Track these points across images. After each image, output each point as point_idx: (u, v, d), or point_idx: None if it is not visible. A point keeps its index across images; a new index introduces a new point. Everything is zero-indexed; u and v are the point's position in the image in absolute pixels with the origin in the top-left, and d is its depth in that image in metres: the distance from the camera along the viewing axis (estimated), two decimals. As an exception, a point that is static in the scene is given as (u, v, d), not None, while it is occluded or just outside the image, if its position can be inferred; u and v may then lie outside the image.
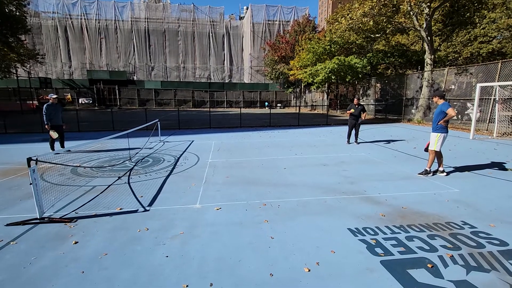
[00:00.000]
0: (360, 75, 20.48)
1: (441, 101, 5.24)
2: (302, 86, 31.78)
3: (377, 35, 18.25)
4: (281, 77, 35.49)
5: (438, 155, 5.35)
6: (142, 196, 4.27)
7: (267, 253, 2.70)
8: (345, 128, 12.77)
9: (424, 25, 14.63)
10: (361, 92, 23.61)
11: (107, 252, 2.73)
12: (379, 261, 2.57)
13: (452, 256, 2.64)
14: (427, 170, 5.38)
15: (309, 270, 2.43)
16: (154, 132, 10.12)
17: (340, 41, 21.11)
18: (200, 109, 35.59)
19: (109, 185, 4.82)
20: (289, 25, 40.92)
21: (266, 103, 38.93)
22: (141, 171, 5.78)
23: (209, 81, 44.11)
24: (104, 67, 42.21)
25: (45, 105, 7.35)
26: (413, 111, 16.77)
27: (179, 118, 14.76)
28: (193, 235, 3.09)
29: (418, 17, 14.85)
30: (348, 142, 9.08)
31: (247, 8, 46.12)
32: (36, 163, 3.28)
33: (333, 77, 20.60)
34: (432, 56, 15.20)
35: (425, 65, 15.52)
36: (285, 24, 43.82)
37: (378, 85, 22.13)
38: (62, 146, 7.72)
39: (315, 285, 2.25)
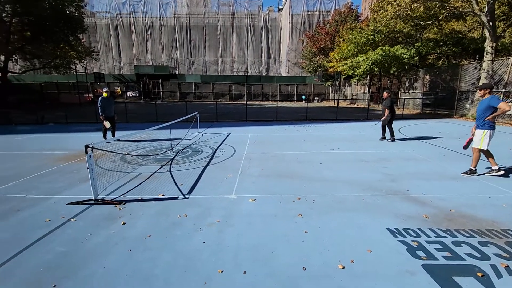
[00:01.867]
0: (406, 67, 18.92)
1: (488, 95, 4.67)
2: (342, 79, 30.43)
3: (428, 22, 16.61)
4: (319, 69, 34.37)
5: (487, 153, 4.79)
6: (182, 184, 4.54)
7: (300, 247, 2.70)
8: (388, 124, 11.93)
9: (486, 9, 12.89)
10: (406, 84, 21.84)
11: (151, 234, 2.98)
12: (420, 264, 2.41)
13: (508, 266, 2.37)
14: (472, 169, 4.86)
15: (343, 267, 2.38)
16: (194, 124, 10.59)
17: (385, 30, 19.68)
18: (237, 102, 36.21)
19: (153, 173, 5.20)
20: (330, 15, 39.20)
21: (303, 97, 38.13)
22: (181, 161, 6.12)
23: (246, 74, 44.54)
24: (149, 62, 45.07)
25: (99, 98, 8.13)
26: (467, 105, 15.06)
27: (217, 111, 15.21)
28: (229, 224, 3.21)
29: (479, 0, 13.12)
30: (382, 138, 8.54)
31: (285, 0, 45.20)
32: (92, 150, 3.68)
33: (375, 69, 19.35)
34: (494, 43, 13.39)
35: (485, 54, 13.75)
36: (325, 14, 42.07)
37: (427, 77, 20.23)
38: (113, 135, 8.49)
39: (350, 283, 2.20)
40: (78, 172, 5.31)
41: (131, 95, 38.58)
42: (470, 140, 4.99)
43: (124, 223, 3.21)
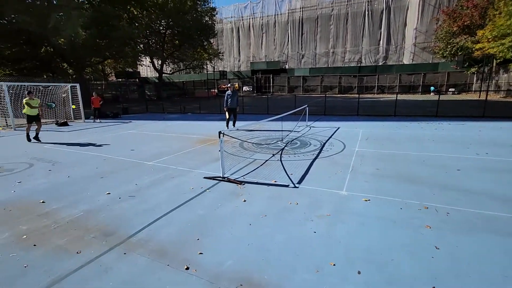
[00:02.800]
0: None
1: None
2: (494, 64, 23.25)
3: None
4: (459, 53, 27.44)
5: None
6: (292, 174, 4.75)
7: (429, 263, 2.33)
8: None
9: None
10: None
11: (266, 214, 3.29)
12: None
13: None
14: None
15: (492, 302, 1.90)
16: (302, 117, 10.75)
17: None
18: (346, 95, 34.07)
19: (266, 160, 5.67)
20: (482, -19, 30.21)
21: (432, 88, 31.63)
22: (290, 152, 6.39)
23: (359, 65, 41.01)
24: (263, 58, 48.54)
25: (226, 93, 9.49)
26: None
27: (325, 104, 14.85)
28: (339, 219, 3.14)
29: None
30: None
31: (417, -28, 38.01)
32: (223, 136, 4.38)
33: (560, 47, 13.69)
34: None
35: None
36: (475, -18, 32.73)
37: None
38: (234, 125, 9.76)
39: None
40: (210, 152, 6.45)
41: (246, 90, 42.94)
42: None
43: (245, 201, 3.69)
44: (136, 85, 37.69)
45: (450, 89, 30.92)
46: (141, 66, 43.30)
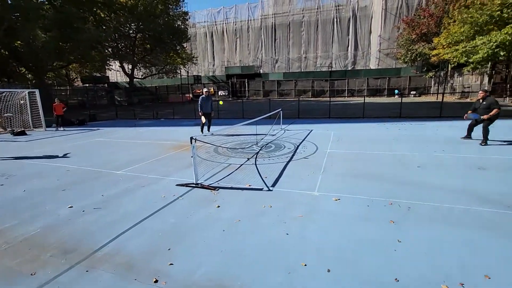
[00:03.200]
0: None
1: None
2: (449, 69, 25.42)
3: None
4: (418, 59, 29.66)
5: None
6: (266, 177, 4.79)
7: (391, 256, 2.46)
8: (519, 123, 9.65)
9: None
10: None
11: (240, 219, 3.28)
12: None
13: None
14: None
15: (448, 289, 2.05)
16: (277, 121, 10.91)
17: (520, 1, 15.28)
18: (319, 98, 35.20)
19: (241, 165, 5.67)
20: (436, -7, 33.06)
21: (396, 91, 33.74)
22: (265, 155, 6.45)
23: (330, 69, 42.66)
24: (237, 63, 48.71)
25: (200, 97, 9.37)
26: None
27: (299, 107, 15.21)
28: (312, 220, 3.22)
29: None
30: (466, 137, 7.26)
31: (379, -17, 40.61)
32: (195, 141, 4.31)
33: (501, 53, 15.33)
34: None
35: None
36: (430, -6, 35.71)
37: None
38: (208, 130, 9.65)
39: (457, 308, 1.88)
40: (183, 159, 6.30)
41: (221, 94, 42.73)
42: None
43: (218, 207, 3.65)
44: (105, 91, 35.95)
45: (411, 92, 33.19)
46: (110, 70, 41.40)
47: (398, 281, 2.14)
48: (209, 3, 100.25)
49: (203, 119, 9.21)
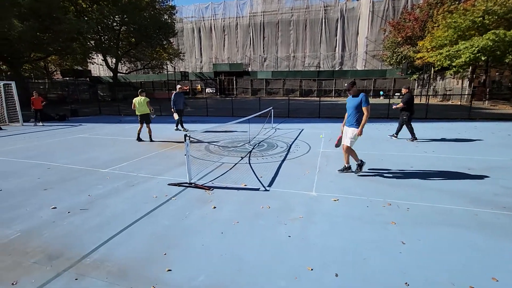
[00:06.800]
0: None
1: None
2: (432, 72, 26.30)
3: None
4: (403, 61, 30.49)
5: None
6: (261, 177, 4.68)
7: (397, 259, 2.42)
8: (497, 124, 10.07)
9: None
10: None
11: (238, 221, 3.15)
12: None
13: None
14: None
15: (457, 292, 2.02)
16: (268, 119, 10.82)
17: (499, 10, 15.97)
18: (307, 98, 35.48)
19: (235, 164, 5.52)
20: (421, -2, 34.06)
21: (381, 92, 34.58)
22: (258, 154, 6.33)
23: (318, 69, 43.08)
24: (225, 60, 48.17)
25: (173, 94, 9.39)
26: None
27: (289, 106, 15.19)
28: (312, 221, 3.14)
29: None
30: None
31: (367, -14, 41.35)
32: (189, 139, 4.12)
33: (482, 58, 15.99)
34: None
35: None
36: (415, -2, 36.78)
37: None
38: (182, 126, 9.78)
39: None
40: (173, 157, 6.07)
41: (209, 92, 42.14)
42: None
43: (214, 207, 3.50)
44: (87, 85, 34.46)
45: (396, 94, 34.12)
46: (93, 64, 39.75)
47: (408, 285, 2.09)
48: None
49: (176, 116, 9.29)
